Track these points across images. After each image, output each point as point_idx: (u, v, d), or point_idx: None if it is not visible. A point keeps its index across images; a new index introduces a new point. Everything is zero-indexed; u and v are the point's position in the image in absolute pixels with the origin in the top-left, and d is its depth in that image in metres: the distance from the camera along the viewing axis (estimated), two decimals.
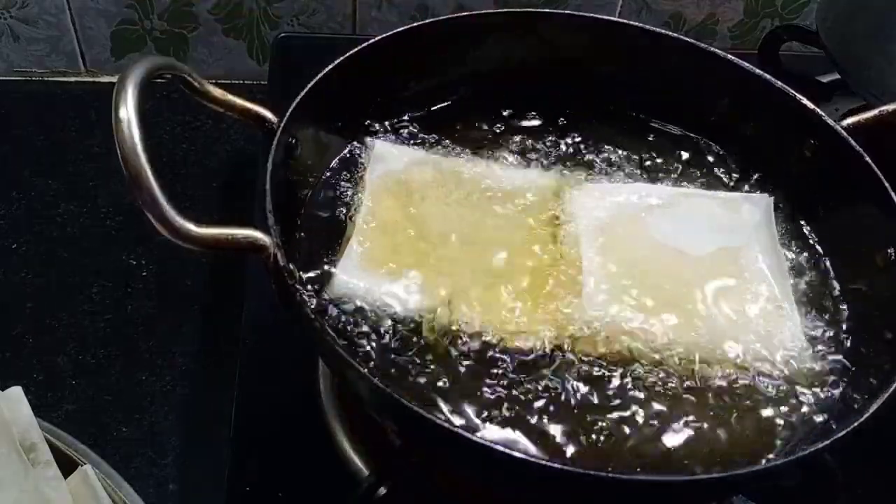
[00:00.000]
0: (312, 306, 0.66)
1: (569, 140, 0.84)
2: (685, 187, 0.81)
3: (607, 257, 0.74)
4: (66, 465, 0.71)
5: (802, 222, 0.79)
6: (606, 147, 0.84)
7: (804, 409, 0.67)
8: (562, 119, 0.85)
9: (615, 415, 0.65)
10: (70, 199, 1.04)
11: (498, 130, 0.84)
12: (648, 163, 0.83)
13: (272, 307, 0.66)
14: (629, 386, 0.67)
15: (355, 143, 0.80)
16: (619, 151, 0.84)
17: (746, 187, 0.82)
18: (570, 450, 0.63)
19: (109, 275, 0.97)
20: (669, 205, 0.79)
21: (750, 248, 0.76)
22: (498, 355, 0.67)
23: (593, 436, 0.64)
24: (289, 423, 0.79)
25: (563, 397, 0.66)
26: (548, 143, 0.84)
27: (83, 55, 1.16)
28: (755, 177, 0.83)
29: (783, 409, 0.66)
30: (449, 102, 0.85)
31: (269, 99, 1.06)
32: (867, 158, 0.73)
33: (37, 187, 1.05)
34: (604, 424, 0.65)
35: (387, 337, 0.67)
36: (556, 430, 0.64)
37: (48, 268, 0.97)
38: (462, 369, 0.66)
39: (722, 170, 0.83)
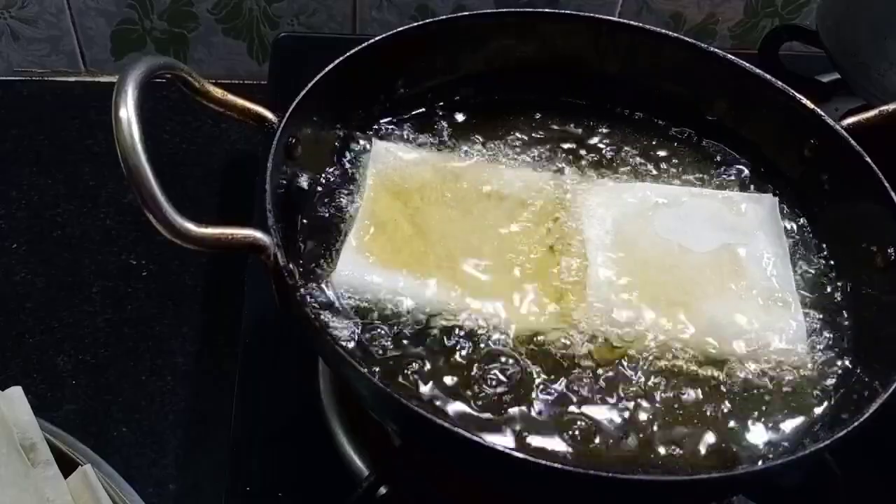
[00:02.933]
0: (312, 306, 0.66)
1: (571, 140, 0.84)
2: (688, 187, 0.81)
3: (611, 255, 0.74)
4: (66, 465, 0.71)
5: (803, 222, 0.79)
6: (608, 147, 0.84)
7: (804, 408, 0.67)
8: (564, 119, 0.85)
9: (617, 412, 0.65)
10: (70, 199, 1.04)
11: (500, 131, 0.84)
12: (649, 163, 0.83)
13: (272, 306, 0.66)
14: (631, 382, 0.67)
15: (355, 142, 0.80)
16: (621, 151, 0.84)
17: (751, 187, 0.82)
18: (571, 448, 0.63)
19: (109, 274, 0.97)
20: (674, 203, 0.79)
21: (755, 246, 0.76)
22: (496, 353, 0.67)
23: (594, 433, 0.64)
24: (289, 423, 0.79)
25: (566, 394, 0.66)
26: (550, 143, 0.84)
27: (83, 55, 1.16)
28: (755, 176, 0.83)
29: (783, 407, 0.67)
30: (450, 102, 0.85)
31: (268, 99, 1.05)
32: (867, 158, 0.73)
33: (37, 187, 1.05)
34: (605, 421, 0.65)
35: (385, 335, 0.67)
36: (559, 428, 0.64)
37: (48, 268, 0.97)
38: (460, 367, 0.66)
39: (722, 169, 0.83)
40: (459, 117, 0.85)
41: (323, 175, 0.77)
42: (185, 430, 0.86)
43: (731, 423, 0.65)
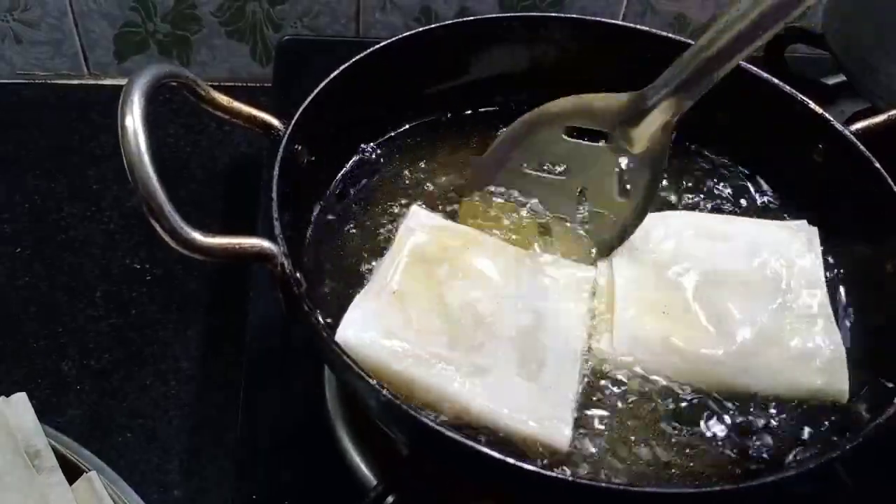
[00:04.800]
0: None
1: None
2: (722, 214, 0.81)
3: (642, 279, 0.73)
4: (71, 471, 0.71)
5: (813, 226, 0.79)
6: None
7: (825, 422, 0.67)
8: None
9: (631, 427, 0.65)
10: (73, 203, 1.04)
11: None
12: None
13: (278, 312, 0.66)
14: (650, 400, 0.67)
15: (364, 148, 0.80)
16: None
17: (758, 194, 0.82)
18: (583, 465, 0.63)
19: (113, 279, 0.97)
20: (710, 232, 0.77)
21: (791, 271, 0.73)
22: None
23: (608, 451, 0.64)
24: (295, 431, 0.79)
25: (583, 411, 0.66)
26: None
27: (86, 58, 1.16)
28: (762, 182, 0.82)
29: (804, 424, 0.67)
30: (459, 109, 0.85)
31: (273, 102, 1.06)
32: (877, 164, 0.73)
33: (40, 190, 1.05)
34: (617, 437, 0.65)
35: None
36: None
37: (51, 272, 0.97)
38: None
39: (730, 175, 0.83)
40: (469, 126, 0.85)
41: (331, 184, 0.77)
42: (189, 435, 0.86)
43: (754, 438, 0.66)
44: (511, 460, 0.53)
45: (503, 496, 0.65)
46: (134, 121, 0.56)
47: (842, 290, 0.75)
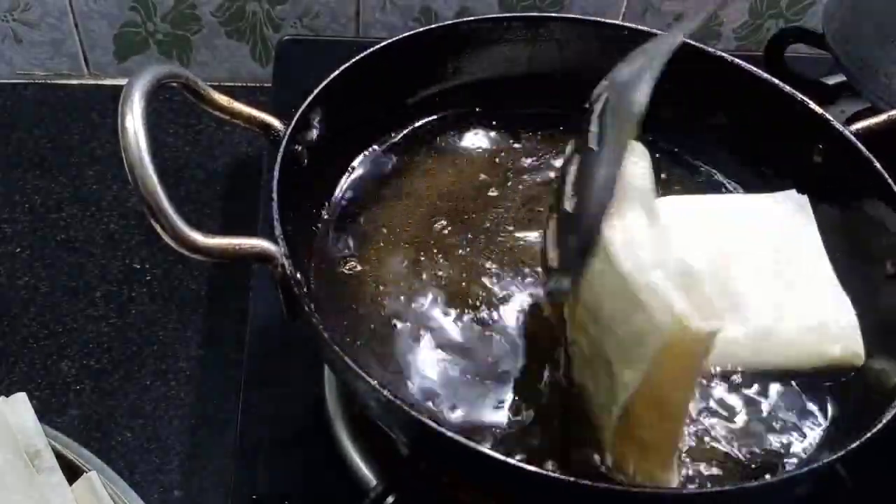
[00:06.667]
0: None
1: None
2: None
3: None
4: (71, 471, 0.72)
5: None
6: None
7: (846, 387, 0.67)
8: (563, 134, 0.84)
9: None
10: (73, 203, 1.04)
11: (516, 144, 0.84)
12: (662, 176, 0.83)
13: (278, 312, 0.66)
14: None
15: (364, 148, 0.80)
16: None
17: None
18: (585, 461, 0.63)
19: (113, 279, 0.97)
20: (706, 212, 0.77)
21: (792, 244, 0.74)
22: None
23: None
24: (295, 431, 0.79)
25: None
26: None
27: (86, 58, 1.16)
28: (761, 182, 0.82)
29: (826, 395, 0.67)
30: (462, 109, 0.85)
31: (273, 102, 1.06)
32: (877, 164, 0.73)
33: (40, 190, 1.04)
34: None
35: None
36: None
37: (51, 272, 0.97)
38: None
39: (732, 178, 0.83)
40: (472, 124, 0.85)
41: (334, 186, 0.77)
42: (189, 435, 0.86)
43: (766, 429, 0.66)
44: (511, 461, 0.53)
45: (503, 496, 0.65)
46: (134, 121, 0.56)
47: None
